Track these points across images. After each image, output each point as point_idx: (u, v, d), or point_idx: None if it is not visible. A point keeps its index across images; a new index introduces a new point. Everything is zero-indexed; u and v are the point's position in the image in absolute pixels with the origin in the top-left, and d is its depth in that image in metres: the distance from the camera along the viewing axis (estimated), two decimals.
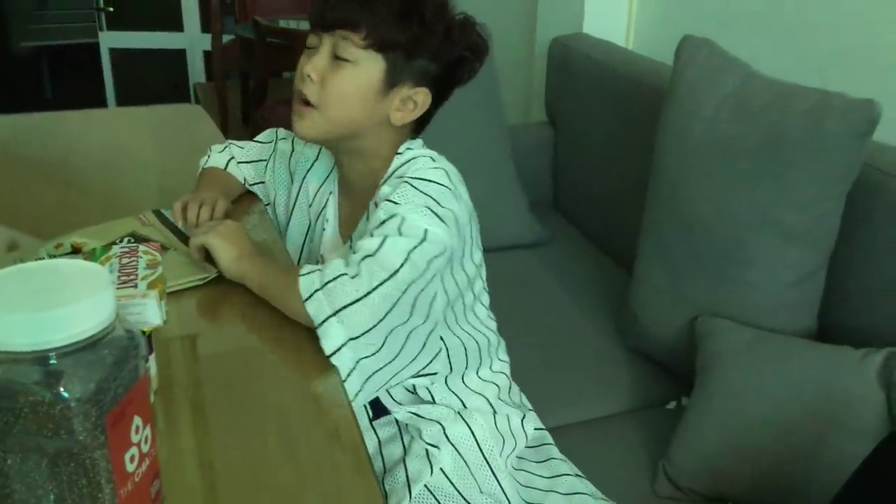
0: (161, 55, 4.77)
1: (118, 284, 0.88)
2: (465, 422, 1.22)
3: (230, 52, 4.04)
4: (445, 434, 1.20)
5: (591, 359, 1.76)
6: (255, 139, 1.46)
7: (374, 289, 1.04)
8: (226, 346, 1.08)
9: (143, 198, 1.46)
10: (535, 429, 1.34)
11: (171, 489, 0.77)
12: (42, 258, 1.13)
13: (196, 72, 4.73)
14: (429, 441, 1.19)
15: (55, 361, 0.56)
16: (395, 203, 1.09)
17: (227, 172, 1.42)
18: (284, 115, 1.27)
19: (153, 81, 4.91)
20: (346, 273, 1.04)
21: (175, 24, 4.59)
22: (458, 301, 1.21)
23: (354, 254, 1.07)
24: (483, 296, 1.29)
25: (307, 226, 1.34)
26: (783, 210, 1.42)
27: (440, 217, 1.09)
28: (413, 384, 1.22)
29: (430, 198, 1.10)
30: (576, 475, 1.29)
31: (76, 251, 1.18)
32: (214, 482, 0.82)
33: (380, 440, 1.22)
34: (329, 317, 1.03)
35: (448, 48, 1.16)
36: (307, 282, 1.05)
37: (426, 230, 1.08)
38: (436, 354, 1.19)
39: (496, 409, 1.27)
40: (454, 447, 1.19)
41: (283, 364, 1.04)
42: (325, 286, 1.04)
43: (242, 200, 1.43)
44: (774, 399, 1.34)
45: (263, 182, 1.42)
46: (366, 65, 1.13)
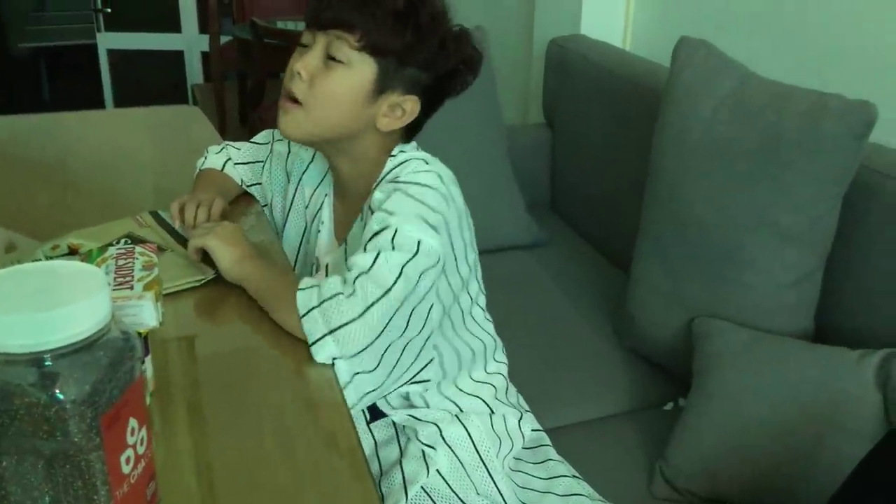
0: (159, 56, 4.76)
1: (114, 286, 0.88)
2: (462, 423, 1.22)
3: (228, 54, 4.03)
4: (441, 435, 1.20)
5: (589, 360, 1.76)
6: (252, 140, 1.46)
7: (369, 308, 1.04)
8: (223, 348, 1.08)
9: (141, 199, 1.46)
10: (533, 430, 1.34)
11: (168, 490, 0.77)
12: (39, 259, 1.13)
13: (194, 73, 4.73)
14: (425, 442, 1.19)
15: (50, 363, 0.56)
16: (389, 213, 1.09)
17: (224, 174, 1.42)
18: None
19: (151, 82, 4.91)
20: (343, 292, 1.05)
21: (173, 26, 4.59)
22: (455, 306, 1.21)
23: (349, 271, 1.07)
24: (480, 297, 1.29)
25: (303, 227, 1.34)
26: (780, 211, 1.42)
27: (433, 226, 1.09)
28: (407, 391, 1.22)
29: (423, 204, 1.10)
30: (573, 476, 1.29)
31: (73, 252, 1.18)
32: (211, 483, 0.82)
33: (376, 442, 1.22)
34: (324, 335, 1.03)
35: (442, 59, 1.15)
36: (305, 298, 1.05)
37: (419, 242, 1.08)
38: (428, 362, 1.19)
39: (493, 410, 1.27)
40: (450, 448, 1.19)
41: (281, 365, 1.04)
42: (322, 305, 1.04)
43: (240, 201, 1.43)
44: (771, 400, 1.34)
45: (260, 183, 1.42)
46: (358, 67, 1.12)
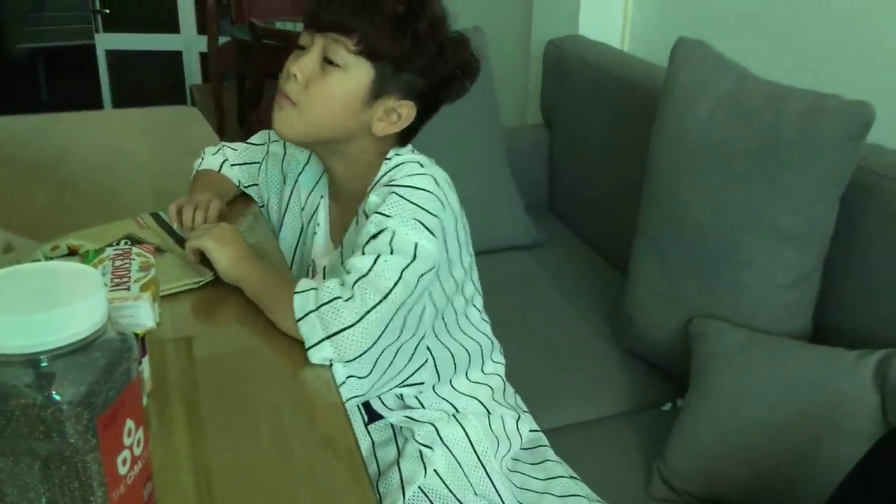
0: (157, 57, 4.76)
1: (111, 287, 0.88)
2: (459, 423, 1.22)
3: (226, 54, 4.04)
4: (439, 435, 1.20)
5: (587, 360, 1.76)
6: (249, 141, 1.46)
7: (367, 312, 1.04)
8: (220, 349, 1.08)
9: (138, 199, 1.46)
10: (530, 430, 1.34)
11: (165, 491, 0.77)
12: (38, 260, 1.13)
13: (192, 73, 4.73)
14: (422, 442, 1.19)
15: (47, 364, 0.56)
16: (385, 216, 1.09)
17: (222, 174, 1.42)
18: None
19: (149, 83, 4.91)
20: (341, 297, 1.05)
21: (171, 26, 4.59)
22: (448, 308, 1.21)
23: (348, 274, 1.07)
24: (476, 298, 1.29)
25: (300, 229, 1.34)
26: (778, 211, 1.42)
27: (429, 229, 1.09)
28: (401, 392, 1.22)
29: (419, 207, 1.10)
30: (571, 477, 1.29)
31: (72, 253, 1.18)
32: (208, 484, 0.82)
33: (374, 442, 1.22)
34: (322, 340, 1.03)
35: (439, 66, 1.15)
36: (302, 301, 1.05)
37: (416, 245, 1.08)
38: (422, 364, 1.19)
39: (490, 411, 1.27)
40: (448, 448, 1.19)
41: (278, 366, 1.04)
42: (319, 309, 1.04)
43: (237, 202, 1.43)
44: (769, 401, 1.34)
45: (257, 184, 1.42)
46: (355, 71, 1.12)
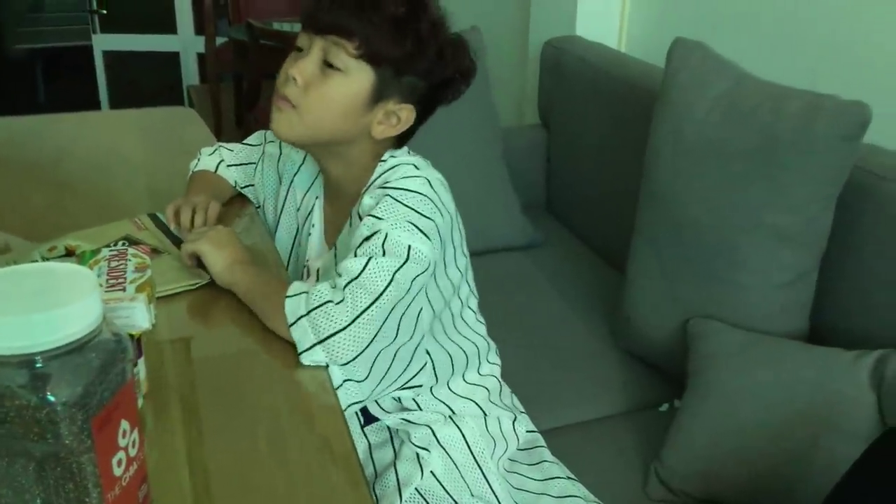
0: (155, 57, 4.76)
1: (107, 288, 0.88)
2: (456, 424, 1.22)
3: (224, 55, 4.04)
4: (435, 436, 1.19)
5: (584, 361, 1.76)
6: (245, 142, 1.46)
7: (359, 315, 1.03)
8: (217, 350, 1.08)
9: (135, 200, 1.46)
10: (527, 431, 1.34)
11: (161, 492, 0.77)
12: (35, 261, 1.13)
13: (190, 74, 4.72)
14: (418, 444, 1.19)
15: (41, 365, 0.56)
16: (379, 218, 1.08)
17: (218, 175, 1.41)
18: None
19: (147, 84, 4.90)
20: (332, 300, 1.04)
21: (169, 27, 4.58)
22: (445, 310, 1.21)
23: (339, 276, 1.07)
24: (471, 300, 1.29)
25: (295, 230, 1.33)
26: (775, 212, 1.42)
27: (423, 231, 1.09)
28: (399, 395, 1.22)
29: (413, 210, 1.09)
30: (568, 478, 1.29)
31: (70, 254, 1.18)
32: (204, 486, 0.82)
33: (370, 444, 1.21)
34: (313, 345, 1.03)
35: (439, 69, 1.15)
36: (293, 306, 1.05)
37: (409, 247, 1.07)
38: (421, 368, 1.19)
39: (487, 412, 1.27)
40: (444, 450, 1.19)
41: (274, 367, 1.04)
42: (310, 314, 1.04)
43: (233, 203, 1.43)
44: (766, 401, 1.34)
45: (253, 185, 1.42)
46: (355, 75, 1.11)
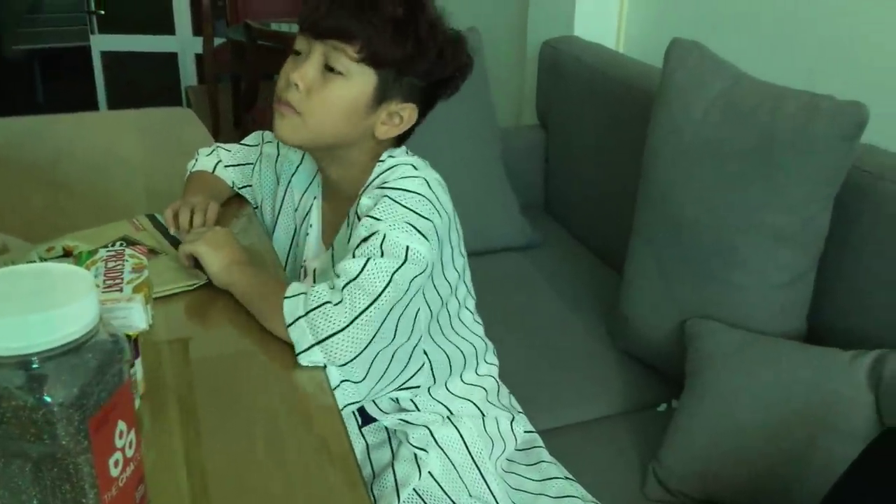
0: (153, 58, 4.75)
1: (104, 288, 0.88)
2: (454, 425, 1.22)
3: (221, 56, 4.03)
4: (433, 437, 1.19)
5: (582, 361, 1.76)
6: (242, 142, 1.45)
7: (357, 316, 1.03)
8: (214, 350, 1.08)
9: (133, 201, 1.46)
10: (525, 431, 1.34)
11: (158, 493, 0.76)
12: (33, 261, 1.13)
13: (188, 75, 4.72)
14: (416, 444, 1.19)
15: (38, 365, 0.56)
16: (377, 219, 1.08)
17: (216, 176, 1.41)
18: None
19: (145, 84, 4.90)
20: (330, 301, 1.04)
21: (167, 28, 4.58)
22: (443, 311, 1.21)
23: (337, 277, 1.06)
24: (468, 300, 1.29)
25: (293, 230, 1.33)
26: (773, 212, 1.43)
27: (421, 232, 1.09)
28: (396, 396, 1.22)
29: (411, 210, 1.09)
30: (566, 478, 1.29)
31: (67, 254, 1.18)
32: (201, 487, 0.82)
33: (368, 445, 1.21)
34: (312, 346, 1.03)
35: (440, 68, 1.15)
36: (291, 306, 1.05)
37: (408, 248, 1.07)
38: (419, 368, 1.19)
39: (485, 412, 1.27)
40: (442, 450, 1.19)
41: (272, 368, 1.04)
42: (308, 314, 1.03)
43: (231, 204, 1.43)
44: (764, 401, 1.34)
45: (251, 185, 1.42)
46: (357, 79, 1.11)
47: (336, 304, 1.04)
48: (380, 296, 1.05)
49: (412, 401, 1.22)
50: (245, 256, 1.18)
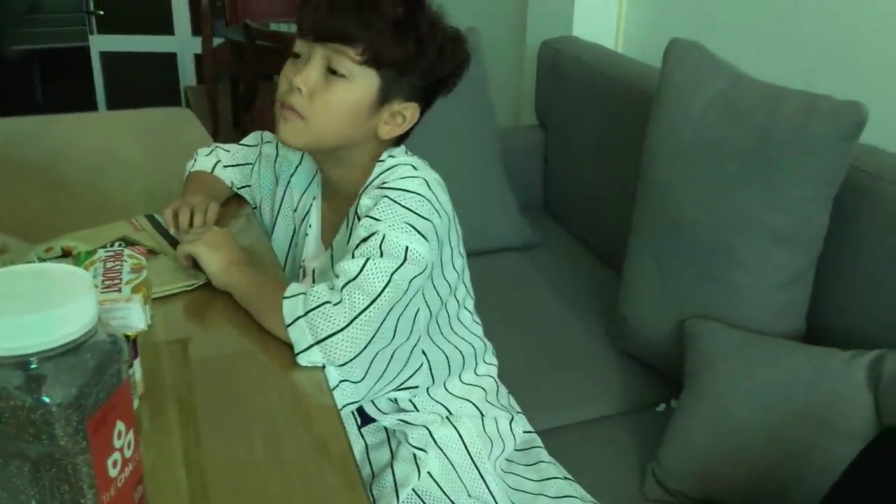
0: (151, 58, 4.76)
1: (102, 289, 0.88)
2: (453, 425, 1.22)
3: (220, 56, 4.03)
4: (432, 437, 1.19)
5: (581, 361, 1.76)
6: (241, 142, 1.46)
7: (357, 317, 1.03)
8: (213, 351, 1.07)
9: (132, 201, 1.46)
10: (524, 431, 1.34)
11: (158, 493, 0.77)
12: (32, 261, 1.13)
13: (187, 75, 4.72)
14: (415, 444, 1.19)
15: (36, 366, 0.56)
16: (376, 219, 1.08)
17: (215, 176, 1.41)
18: (274, 119, 1.26)
19: (144, 85, 4.90)
20: (329, 301, 1.04)
21: (165, 28, 4.58)
22: (442, 311, 1.21)
23: (337, 278, 1.06)
24: (467, 301, 1.29)
25: (292, 230, 1.33)
26: (771, 212, 1.43)
27: (421, 232, 1.09)
28: (395, 396, 1.22)
29: (410, 211, 1.09)
30: (565, 478, 1.29)
31: (66, 255, 1.18)
32: (200, 487, 0.82)
33: (367, 445, 1.21)
34: (311, 346, 1.03)
35: (441, 66, 1.15)
36: (291, 306, 1.05)
37: (407, 248, 1.07)
38: (417, 368, 1.19)
39: (484, 412, 1.27)
40: (441, 450, 1.19)
41: (271, 369, 1.04)
42: (308, 314, 1.03)
43: (230, 204, 1.43)
44: (763, 401, 1.34)
45: (250, 186, 1.42)
46: (360, 81, 1.11)
47: (335, 304, 1.04)
48: (379, 296, 1.05)
49: (411, 401, 1.23)
50: (244, 257, 1.18)
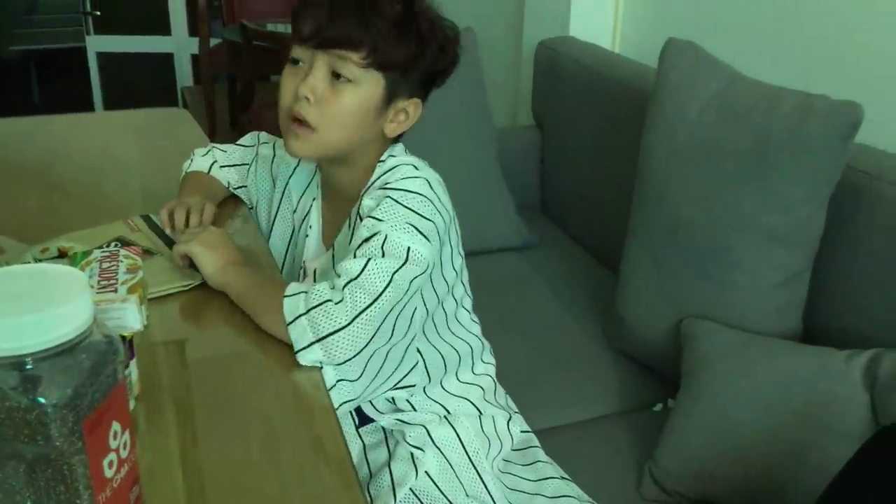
0: (149, 59, 4.76)
1: (98, 289, 0.88)
2: (451, 424, 1.22)
3: (217, 56, 4.03)
4: (430, 436, 1.19)
5: (578, 361, 1.76)
6: (238, 142, 1.46)
7: (358, 315, 1.03)
8: (209, 351, 1.07)
9: (128, 202, 1.46)
10: (522, 431, 1.34)
11: (154, 494, 0.77)
12: (28, 262, 1.13)
13: (184, 75, 4.72)
14: (413, 444, 1.19)
15: (32, 366, 0.56)
16: (378, 220, 1.09)
17: (211, 176, 1.41)
18: (271, 119, 1.26)
19: (141, 85, 4.90)
20: (331, 299, 1.04)
21: (162, 28, 4.59)
22: (439, 310, 1.21)
23: (338, 277, 1.06)
24: (465, 300, 1.29)
25: (290, 232, 1.33)
26: (768, 212, 1.43)
27: (422, 233, 1.09)
28: (392, 396, 1.22)
29: (412, 211, 1.09)
30: (562, 478, 1.29)
31: (62, 255, 1.17)
32: (197, 487, 0.82)
33: (364, 445, 1.21)
34: (312, 343, 1.03)
35: (441, 62, 1.16)
36: (291, 305, 1.05)
37: (409, 249, 1.07)
38: (412, 367, 1.19)
39: (481, 412, 1.27)
40: (439, 450, 1.19)
41: (268, 369, 1.04)
42: (310, 312, 1.03)
43: (227, 204, 1.43)
44: (760, 401, 1.34)
45: (246, 186, 1.42)
46: (366, 84, 1.11)
47: (337, 303, 1.04)
48: (380, 295, 1.05)
49: (408, 401, 1.23)
50: (240, 257, 1.18)
